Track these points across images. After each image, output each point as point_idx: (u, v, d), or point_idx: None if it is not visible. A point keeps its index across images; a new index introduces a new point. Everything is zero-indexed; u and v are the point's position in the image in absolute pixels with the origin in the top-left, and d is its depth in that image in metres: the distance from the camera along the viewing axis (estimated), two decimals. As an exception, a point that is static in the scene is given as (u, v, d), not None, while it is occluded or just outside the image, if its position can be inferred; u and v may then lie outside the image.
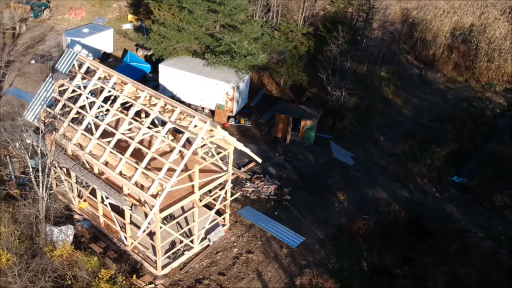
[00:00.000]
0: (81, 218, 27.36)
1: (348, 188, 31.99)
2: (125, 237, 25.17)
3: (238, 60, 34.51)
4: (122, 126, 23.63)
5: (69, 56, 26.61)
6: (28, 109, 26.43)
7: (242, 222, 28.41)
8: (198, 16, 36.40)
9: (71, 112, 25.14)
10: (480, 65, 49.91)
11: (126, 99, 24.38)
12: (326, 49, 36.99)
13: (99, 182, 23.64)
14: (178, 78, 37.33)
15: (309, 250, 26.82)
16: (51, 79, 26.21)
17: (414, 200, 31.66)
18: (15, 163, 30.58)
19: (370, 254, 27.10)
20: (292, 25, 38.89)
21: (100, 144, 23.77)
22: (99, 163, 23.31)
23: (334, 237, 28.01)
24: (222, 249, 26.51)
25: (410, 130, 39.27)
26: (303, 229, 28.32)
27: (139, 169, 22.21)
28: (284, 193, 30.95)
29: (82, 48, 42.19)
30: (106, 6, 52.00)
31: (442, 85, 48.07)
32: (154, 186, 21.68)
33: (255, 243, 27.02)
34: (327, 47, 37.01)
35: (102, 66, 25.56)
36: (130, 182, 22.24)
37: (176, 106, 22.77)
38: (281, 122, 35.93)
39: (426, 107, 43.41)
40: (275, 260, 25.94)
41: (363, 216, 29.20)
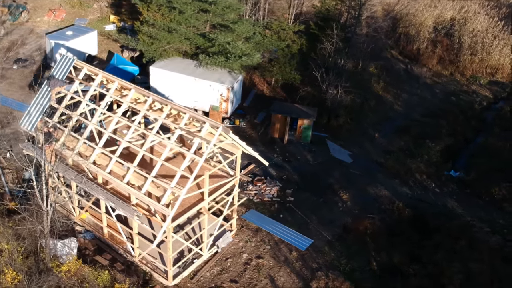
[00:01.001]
0: (83, 230, 26.43)
1: (349, 186, 31.85)
2: (132, 247, 24.40)
3: (233, 61, 33.91)
4: (127, 134, 22.80)
5: (66, 62, 25.58)
6: (24, 118, 25.29)
7: (248, 227, 27.94)
8: (189, 16, 35.63)
9: (71, 121, 24.15)
10: (464, 58, 50.47)
11: (130, 105, 23.55)
12: (321, 47, 36.69)
13: (105, 193, 22.79)
14: (170, 80, 36.50)
15: (318, 252, 26.57)
16: (48, 86, 25.14)
17: (415, 197, 31.73)
18: (7, 174, 29.30)
19: (378, 254, 27.01)
20: (284, 23, 38.47)
21: (105, 153, 22.91)
22: (105, 173, 22.47)
23: (342, 237, 27.83)
24: (231, 255, 26.00)
25: (404, 126, 39.42)
26: (309, 231, 28.04)
27: (149, 178, 21.48)
28: (287, 195, 30.61)
29: (67, 51, 40.80)
30: (86, 6, 50.55)
31: (428, 79, 48.47)
32: (167, 195, 20.99)
33: (263, 248, 26.60)
34: (322, 45, 36.72)
35: (101, 72, 24.63)
36: (140, 192, 21.48)
37: (185, 111, 22.09)
38: (278, 122, 35.54)
39: (416, 102, 43.67)
40: (286, 264, 25.58)
41: (369, 215, 29.09)
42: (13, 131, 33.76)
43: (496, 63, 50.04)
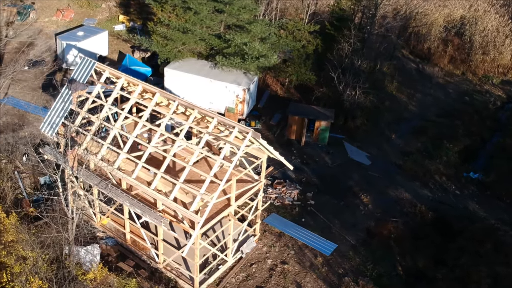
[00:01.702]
0: (105, 236, 25.99)
1: (369, 189, 31.51)
2: (156, 254, 23.98)
3: (250, 62, 33.46)
4: (153, 139, 22.35)
5: (86, 65, 25.09)
6: (44, 122, 24.80)
7: (270, 231, 27.56)
8: (204, 16, 35.14)
9: (94, 125, 23.67)
10: (476, 58, 50.12)
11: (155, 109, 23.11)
12: (338, 47, 36.25)
13: (131, 199, 22.35)
14: (185, 82, 36.03)
15: (343, 257, 26.22)
16: (69, 90, 24.66)
17: (436, 199, 31.40)
18: (24, 179, 28.82)
19: (403, 258, 26.70)
20: (299, 23, 38.00)
21: (130, 158, 22.46)
22: (131, 179, 22.02)
23: (366, 242, 27.48)
24: (256, 261, 25.62)
25: (420, 126, 39.05)
26: (333, 235, 27.69)
27: (177, 184, 21.04)
28: (307, 198, 30.24)
29: (78, 52, 40.29)
30: (95, 6, 49.97)
31: (441, 79, 48.12)
32: (196, 202, 20.58)
33: (288, 253, 26.22)
34: (339, 46, 36.29)
35: (124, 75, 24.16)
36: (169, 198, 21.05)
37: (212, 115, 21.66)
38: (295, 123, 35.13)
39: (430, 102, 43.31)
40: (311, 270, 25.22)
41: (392, 219, 28.75)
42: (27, 134, 33.23)
43: (508, 63, 49.71)
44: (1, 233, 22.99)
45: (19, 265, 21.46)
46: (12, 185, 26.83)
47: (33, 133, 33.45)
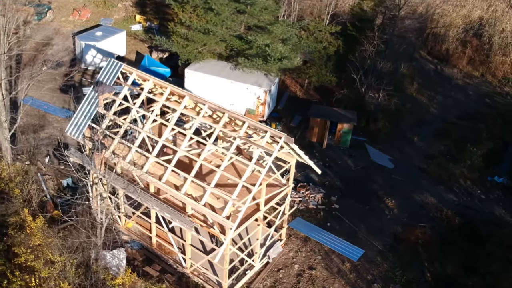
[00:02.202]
0: (130, 239, 25.71)
1: (394, 193, 31.10)
2: (183, 258, 23.67)
3: (272, 63, 33.08)
4: (183, 143, 22.03)
5: (113, 67, 24.77)
6: (70, 125, 24.49)
7: (296, 236, 27.22)
8: (225, 17, 34.78)
9: (121, 128, 23.38)
10: (495, 59, 49.51)
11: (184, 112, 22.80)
12: (361, 49, 35.81)
13: (160, 204, 22.05)
14: (206, 83, 35.70)
15: (371, 263, 25.84)
16: (95, 92, 24.37)
17: (462, 204, 30.97)
18: (47, 180, 28.57)
19: (431, 264, 26.30)
20: (320, 24, 37.58)
21: (159, 162, 22.15)
22: (160, 183, 21.70)
23: (393, 247, 27.09)
24: (283, 266, 25.28)
25: (442, 129, 38.56)
26: (359, 240, 27.31)
27: (208, 189, 20.71)
28: (332, 202, 29.87)
29: (97, 52, 40.11)
30: (111, 6, 49.76)
31: (460, 80, 47.58)
32: (228, 207, 20.25)
33: (314, 258, 25.87)
34: (362, 47, 35.84)
35: (152, 78, 23.85)
36: (200, 203, 20.72)
37: (244, 120, 21.31)
38: (317, 126, 34.75)
39: (451, 104, 42.78)
40: (340, 276, 24.85)
41: (420, 224, 28.33)
42: (48, 135, 33.10)
43: (529, 64, 49.10)
44: (28, 237, 22.74)
45: (48, 269, 21.20)
46: (37, 188, 26.58)
47: (54, 134, 33.31)
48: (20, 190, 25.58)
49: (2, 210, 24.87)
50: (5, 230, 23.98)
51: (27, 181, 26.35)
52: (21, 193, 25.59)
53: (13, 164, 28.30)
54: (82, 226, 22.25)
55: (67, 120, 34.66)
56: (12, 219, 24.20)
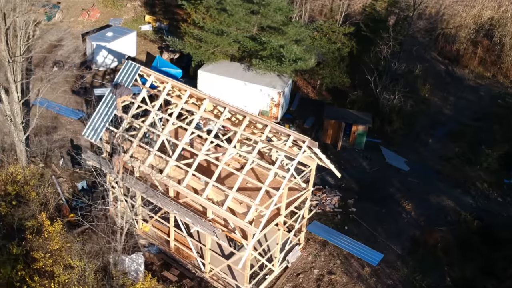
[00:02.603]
0: (147, 243, 25.45)
1: (410, 196, 30.81)
2: (202, 263, 23.41)
3: (287, 65, 32.79)
4: (204, 147, 21.76)
5: (130, 69, 24.50)
6: (88, 128, 24.23)
7: (314, 239, 26.95)
8: (239, 18, 34.48)
9: (140, 131, 23.10)
10: (507, 60, 49.13)
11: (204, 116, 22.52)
12: (377, 50, 35.48)
13: (181, 208, 21.78)
14: (219, 84, 35.41)
15: (391, 268, 25.56)
16: (112, 95, 24.10)
17: (479, 207, 30.64)
18: (62, 183, 28.31)
19: (451, 268, 26.01)
20: (334, 25, 37.27)
21: (180, 166, 21.88)
22: (181, 187, 21.44)
23: (412, 251, 26.79)
24: (302, 271, 25.02)
25: (456, 130, 38.21)
26: (377, 244, 27.05)
27: (230, 194, 20.45)
28: (348, 205, 29.59)
29: (108, 53, 39.86)
30: (120, 6, 49.46)
31: (471, 81, 47.22)
32: (251, 212, 19.98)
33: (333, 263, 25.60)
34: (377, 48, 35.51)
35: (171, 80, 23.56)
36: (222, 208, 20.45)
37: (266, 123, 21.03)
38: (331, 127, 34.46)
39: (464, 105, 42.45)
40: (360, 280, 24.58)
41: (438, 228, 28.05)
42: (61, 137, 32.86)
43: (540, 65, 48.71)
44: (46, 241, 22.48)
45: (67, 274, 20.96)
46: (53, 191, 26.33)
47: (67, 136, 33.06)
48: (37, 194, 25.31)
49: (18, 213, 24.64)
50: (22, 234, 23.76)
51: (43, 184, 26.09)
52: (38, 196, 25.32)
53: (28, 166, 28.05)
54: (101, 231, 21.97)
55: (80, 122, 34.55)
56: (29, 223, 23.96)
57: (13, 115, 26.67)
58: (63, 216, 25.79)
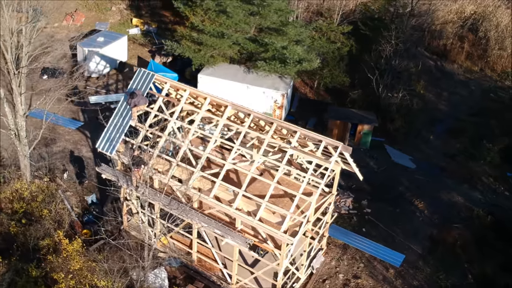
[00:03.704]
0: (167, 256, 24.58)
1: (421, 194, 30.85)
2: (228, 274, 22.76)
3: (292, 66, 32.34)
4: (230, 155, 21.11)
5: (144, 77, 23.59)
6: (102, 140, 23.21)
7: (334, 243, 26.62)
8: (239, 20, 33.82)
9: (160, 141, 22.25)
10: (493, 53, 49.97)
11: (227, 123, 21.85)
12: (379, 49, 35.38)
13: (208, 220, 21.08)
14: (220, 88, 34.64)
15: (414, 268, 25.46)
16: (127, 104, 23.15)
17: (488, 202, 30.95)
18: (70, 197, 27.12)
19: (471, 265, 26.11)
20: (332, 25, 37.03)
21: (205, 176, 21.17)
22: (210, 198, 20.72)
23: (432, 250, 26.77)
24: (327, 276, 24.65)
25: (455, 126, 38.60)
26: (396, 245, 26.91)
27: (263, 203, 19.87)
28: (363, 206, 29.40)
29: (101, 59, 38.59)
30: (105, 9, 48.03)
31: (461, 76, 47.88)
32: (286, 222, 19.47)
33: (357, 266, 25.34)
34: (379, 47, 35.42)
35: (189, 88, 22.79)
36: (255, 218, 19.87)
37: (295, 129, 20.54)
38: (336, 128, 34.24)
39: (458, 100, 42.95)
40: (386, 283, 24.39)
41: (454, 225, 28.14)
42: (61, 148, 31.56)
43: (525, 58, 49.69)
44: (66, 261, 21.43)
45: (93, 295, 20.06)
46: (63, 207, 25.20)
47: (67, 147, 31.78)
48: (49, 211, 24.15)
49: (30, 232, 23.45)
50: (37, 255, 22.63)
51: (54, 200, 24.93)
52: (50, 213, 24.17)
53: (32, 182, 26.79)
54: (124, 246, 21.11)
55: (78, 132, 33.28)
56: (44, 242, 22.83)
57: (17, 129, 25.36)
58: (75, 232, 24.73)
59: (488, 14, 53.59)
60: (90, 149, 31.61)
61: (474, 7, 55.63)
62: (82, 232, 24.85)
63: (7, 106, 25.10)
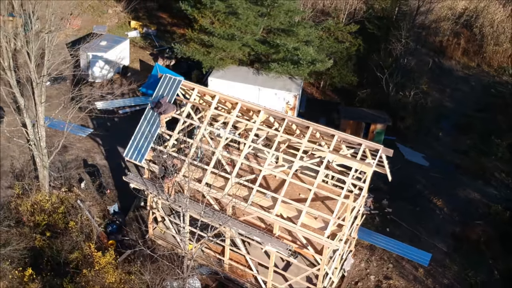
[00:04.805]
0: (196, 264, 24.19)
1: (437, 192, 31.08)
2: (263, 281, 22.49)
3: (305, 67, 32.15)
4: (266, 160, 20.83)
5: (170, 83, 23.13)
6: (129, 148, 22.67)
7: (361, 245, 26.58)
8: (249, 22, 33.47)
9: (191, 149, 21.84)
10: (488, 49, 50.61)
11: (261, 128, 21.57)
12: (390, 48, 35.43)
13: (245, 227, 20.78)
14: (231, 91, 33.99)
15: (442, 266, 25.59)
16: (154, 112, 22.67)
17: (504, 198, 31.28)
18: (91, 207, 26.43)
19: (495, 261, 26.36)
20: (340, 24, 36.97)
21: (242, 183, 20.85)
22: (247, 205, 20.41)
23: (456, 248, 26.95)
24: (359, 278, 24.60)
25: (462, 122, 38.92)
26: (421, 243, 27.02)
27: (304, 209, 19.67)
28: (383, 206, 29.43)
29: (105, 63, 37.83)
30: (101, 12, 47.14)
31: (460, 72, 48.36)
32: (330, 227, 19.30)
33: (386, 267, 25.35)
34: (389, 46, 35.46)
35: (218, 93, 22.41)
36: (297, 224, 19.64)
37: (333, 133, 20.37)
38: (349, 128, 34.16)
39: (461, 97, 43.37)
40: (418, 283, 24.46)
41: (476, 222, 28.38)
42: (73, 157, 30.83)
43: (520, 53, 50.48)
44: (100, 274, 20.88)
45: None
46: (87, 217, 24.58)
47: (80, 155, 31.07)
48: (75, 223, 23.51)
49: (57, 245, 22.80)
50: (66, 268, 22.01)
51: (80, 212, 24.28)
52: (76, 225, 23.54)
53: (51, 192, 26.08)
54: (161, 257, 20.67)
55: (90, 139, 32.56)
56: (73, 255, 22.21)
57: (38, 139, 24.63)
58: (101, 243, 24.14)
59: (480, 10, 54.31)
60: (103, 157, 30.95)
61: (465, 2, 56.36)
62: (108, 243, 24.27)
63: (27, 116, 24.37)
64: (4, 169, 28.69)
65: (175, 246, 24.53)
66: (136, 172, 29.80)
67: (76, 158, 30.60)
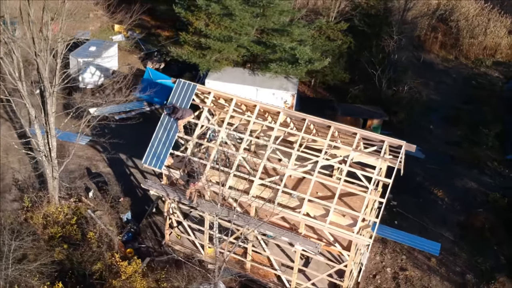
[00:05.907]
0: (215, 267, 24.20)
1: (437, 183, 32.00)
2: (287, 280, 22.77)
3: (303, 66, 32.52)
4: (290, 161, 21.08)
5: (185, 88, 23.05)
6: (147, 155, 22.48)
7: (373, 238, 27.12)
8: (245, 23, 33.59)
9: (213, 153, 21.86)
10: (464, 42, 52.25)
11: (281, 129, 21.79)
12: (382, 45, 36.18)
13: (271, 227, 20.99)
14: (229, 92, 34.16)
15: (452, 255, 26.46)
16: (170, 118, 22.57)
17: (498, 185, 32.51)
18: (101, 217, 26.04)
19: (500, 247, 27.42)
20: (331, 23, 37.51)
21: (266, 185, 21.05)
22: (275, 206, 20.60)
23: (463, 236, 27.90)
24: (376, 271, 25.20)
25: (451, 115, 40.06)
26: (429, 234, 27.86)
27: (332, 207, 20.03)
28: (389, 199, 30.05)
29: (95, 69, 37.23)
30: (82, 17, 46.11)
31: (440, 65, 49.76)
32: (359, 223, 19.73)
33: (400, 258, 26.04)
34: (381, 43, 36.20)
35: (235, 96, 22.51)
36: (326, 222, 19.99)
37: (355, 131, 20.80)
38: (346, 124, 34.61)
39: (445, 89, 44.65)
40: (432, 272, 25.23)
41: (478, 210, 29.43)
42: (76, 165, 30.27)
43: (495, 45, 52.31)
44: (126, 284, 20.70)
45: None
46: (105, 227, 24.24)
47: (82, 164, 30.54)
48: (94, 233, 23.17)
49: (77, 257, 22.45)
50: (90, 280, 21.70)
51: (96, 222, 23.93)
52: (95, 235, 23.21)
53: (61, 204, 25.60)
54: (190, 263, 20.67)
55: (90, 147, 32.03)
56: (96, 266, 21.91)
57: (48, 150, 24.13)
58: (119, 252, 23.87)
59: (454, 5, 55.97)
60: (107, 164, 30.55)
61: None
62: (127, 251, 24.03)
63: (37, 127, 23.85)
64: (6, 182, 27.98)
65: (193, 251, 24.54)
66: (142, 178, 29.64)
67: (78, 167, 30.08)
